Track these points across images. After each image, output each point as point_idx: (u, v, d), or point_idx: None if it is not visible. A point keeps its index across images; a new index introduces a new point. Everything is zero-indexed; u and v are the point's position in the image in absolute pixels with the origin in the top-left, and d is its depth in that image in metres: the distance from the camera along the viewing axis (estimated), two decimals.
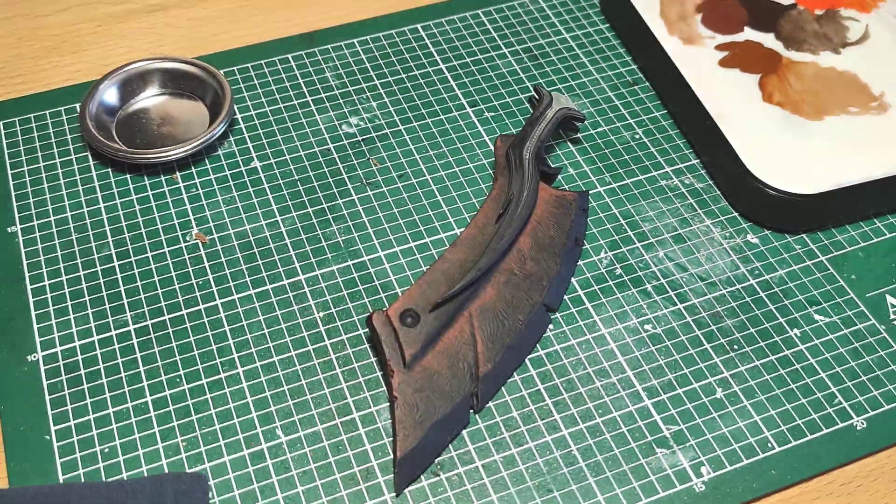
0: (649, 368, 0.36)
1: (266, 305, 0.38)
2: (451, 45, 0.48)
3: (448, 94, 0.46)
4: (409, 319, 0.35)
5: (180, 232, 0.40)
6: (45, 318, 0.37)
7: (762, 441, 0.34)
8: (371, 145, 0.44)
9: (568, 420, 0.35)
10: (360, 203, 0.41)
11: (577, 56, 0.48)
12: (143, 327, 0.37)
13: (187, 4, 0.51)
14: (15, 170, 0.42)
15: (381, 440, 0.34)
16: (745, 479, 0.33)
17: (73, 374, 0.35)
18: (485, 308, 0.36)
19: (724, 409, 0.35)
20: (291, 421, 0.34)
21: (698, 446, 0.34)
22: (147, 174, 0.42)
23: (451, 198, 0.42)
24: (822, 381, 0.36)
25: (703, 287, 0.39)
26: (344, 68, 0.47)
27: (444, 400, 0.34)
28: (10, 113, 0.45)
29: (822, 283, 0.39)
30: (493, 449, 0.34)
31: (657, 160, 0.43)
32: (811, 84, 0.43)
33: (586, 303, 0.38)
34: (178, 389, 0.35)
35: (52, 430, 0.34)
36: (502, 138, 0.41)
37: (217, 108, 0.44)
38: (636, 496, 0.33)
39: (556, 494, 0.33)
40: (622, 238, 0.40)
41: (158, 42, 0.49)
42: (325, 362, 0.36)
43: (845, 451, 0.34)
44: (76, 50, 0.48)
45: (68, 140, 0.44)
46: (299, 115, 0.45)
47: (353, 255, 0.40)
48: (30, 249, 0.39)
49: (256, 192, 0.42)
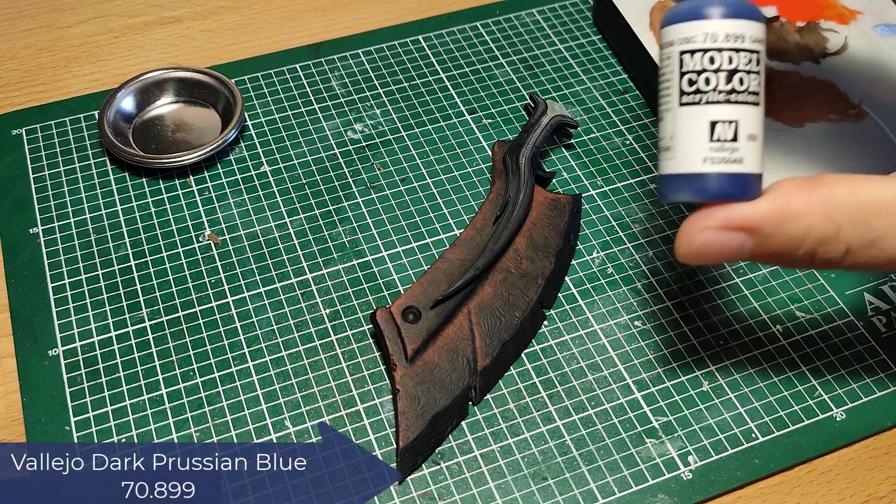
0: (639, 362, 0.36)
1: (275, 303, 0.38)
2: (451, 55, 0.49)
3: (448, 102, 0.46)
4: (410, 316, 0.35)
5: (194, 233, 0.40)
6: (65, 314, 0.37)
7: (746, 431, 0.34)
8: (375, 150, 0.44)
9: (562, 411, 0.35)
10: (364, 205, 0.42)
11: (571, 66, 0.48)
12: (158, 323, 0.37)
13: (201, 17, 0.51)
14: (37, 174, 0.42)
15: (384, 430, 0.34)
16: (730, 467, 0.33)
17: (92, 368, 0.36)
18: (483, 305, 0.36)
19: (710, 401, 0.35)
20: (299, 412, 0.34)
21: (686, 436, 0.34)
22: (162, 178, 0.42)
23: (451, 200, 0.42)
24: (803, 375, 0.36)
25: (691, 285, 0.39)
26: (349, 77, 0.47)
27: (444, 392, 0.34)
28: (32, 120, 0.45)
29: (804, 281, 0.39)
30: (490, 439, 0.34)
31: (647, 164, 0.43)
32: (793, 92, 0.43)
33: (579, 300, 0.38)
34: (192, 382, 0.35)
35: (71, 421, 0.34)
36: (499, 144, 0.41)
37: (229, 115, 0.44)
38: (626, 484, 0.33)
39: (550, 482, 0.33)
40: (613, 239, 0.40)
41: (173, 52, 0.49)
42: (331, 357, 0.36)
43: (825, 441, 0.34)
44: (95, 60, 0.48)
45: (87, 146, 0.44)
46: (306, 121, 0.45)
47: (357, 254, 0.40)
48: (51, 249, 0.39)
49: (266, 195, 0.42)
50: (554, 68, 0.48)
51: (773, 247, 0.28)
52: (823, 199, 0.27)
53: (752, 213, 0.27)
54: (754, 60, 0.28)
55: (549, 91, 0.47)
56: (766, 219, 0.27)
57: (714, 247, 0.28)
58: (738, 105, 0.28)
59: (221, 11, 0.51)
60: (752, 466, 0.33)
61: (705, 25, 0.28)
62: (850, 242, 0.27)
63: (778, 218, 0.27)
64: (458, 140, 0.44)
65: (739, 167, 0.28)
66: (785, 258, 0.28)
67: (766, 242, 0.28)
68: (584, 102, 0.46)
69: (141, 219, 0.41)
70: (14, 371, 0.36)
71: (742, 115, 0.28)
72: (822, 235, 0.27)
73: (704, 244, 0.28)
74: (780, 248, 0.28)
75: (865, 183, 0.28)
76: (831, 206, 0.27)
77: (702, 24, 0.28)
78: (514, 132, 0.45)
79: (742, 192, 0.28)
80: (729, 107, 0.28)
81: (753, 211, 0.27)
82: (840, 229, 0.27)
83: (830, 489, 0.33)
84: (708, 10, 0.28)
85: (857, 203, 0.27)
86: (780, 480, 0.34)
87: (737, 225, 0.28)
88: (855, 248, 0.27)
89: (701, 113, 0.28)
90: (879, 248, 0.27)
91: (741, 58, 0.28)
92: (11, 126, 0.44)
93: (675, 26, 0.28)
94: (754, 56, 0.28)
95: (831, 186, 0.27)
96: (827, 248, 0.27)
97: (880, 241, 0.27)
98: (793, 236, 0.27)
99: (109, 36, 0.50)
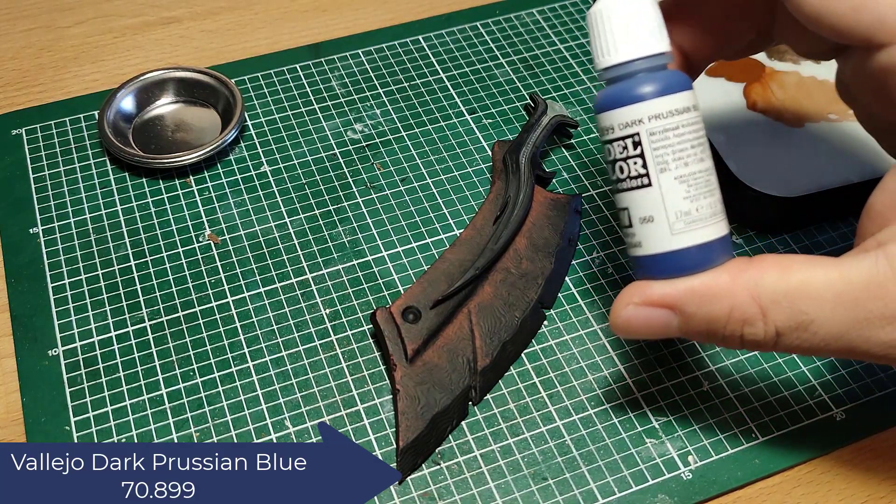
0: (639, 362, 0.36)
1: (275, 303, 0.38)
2: (451, 55, 0.48)
3: (448, 102, 0.46)
4: (410, 316, 0.35)
5: (193, 233, 0.40)
6: (65, 314, 0.37)
7: (746, 431, 0.34)
8: (375, 150, 0.44)
9: (562, 411, 0.35)
10: (364, 205, 0.41)
11: (571, 66, 0.48)
12: (158, 323, 0.37)
13: (200, 17, 0.51)
14: (37, 174, 0.42)
15: (384, 430, 0.34)
16: (730, 467, 0.33)
17: (92, 368, 0.35)
18: (483, 305, 0.36)
19: (710, 401, 0.35)
20: (299, 412, 0.34)
21: (686, 436, 0.34)
22: (162, 178, 0.42)
23: (451, 200, 0.42)
24: (803, 375, 0.36)
25: None
26: (349, 77, 0.47)
27: (444, 392, 0.34)
28: (32, 120, 0.44)
29: None
30: (490, 439, 0.34)
31: None
32: (793, 92, 0.43)
33: (579, 300, 0.38)
34: (192, 382, 0.35)
35: (71, 421, 0.34)
36: (499, 144, 0.41)
37: (228, 115, 0.44)
38: (626, 484, 0.33)
39: (550, 482, 0.33)
40: (613, 238, 0.40)
41: (173, 52, 0.49)
42: (331, 357, 0.36)
43: (825, 441, 0.34)
44: (95, 60, 0.48)
45: (87, 146, 0.44)
46: (306, 121, 0.45)
47: (357, 254, 0.40)
48: (51, 249, 0.39)
49: (266, 195, 0.42)
50: (554, 68, 0.48)
51: (697, 325, 0.28)
52: (750, 280, 0.27)
53: (671, 291, 0.28)
54: (630, 145, 0.28)
55: (549, 91, 0.47)
56: (688, 297, 0.28)
57: (639, 322, 0.29)
58: (624, 192, 0.29)
59: (221, 11, 0.51)
60: (752, 466, 0.33)
61: (598, 121, 0.29)
62: (779, 325, 0.27)
63: (700, 297, 0.28)
64: (458, 140, 0.44)
65: (639, 250, 0.29)
66: (714, 337, 0.28)
67: (690, 321, 0.28)
68: (583, 102, 0.46)
69: (141, 219, 0.40)
70: (14, 371, 0.35)
71: (630, 201, 0.29)
72: (745, 317, 0.27)
73: (629, 319, 0.29)
74: (706, 328, 0.28)
75: (797, 265, 0.27)
76: (757, 288, 0.27)
77: (596, 121, 0.30)
78: (514, 132, 0.45)
79: (650, 272, 0.29)
80: (619, 195, 0.29)
81: (672, 289, 0.28)
82: (765, 312, 0.27)
83: (830, 489, 0.33)
84: (594, 107, 0.30)
85: (785, 286, 0.27)
86: (780, 480, 0.33)
87: (656, 302, 0.28)
88: (785, 331, 0.27)
89: (615, 200, 0.30)
90: (811, 332, 0.27)
91: (615, 147, 0.29)
92: (11, 126, 0.44)
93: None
94: (629, 141, 0.28)
95: (762, 268, 0.27)
96: (753, 329, 0.27)
97: (811, 324, 0.27)
98: (715, 316, 0.28)
99: (109, 36, 0.49)
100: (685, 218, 0.28)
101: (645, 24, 0.29)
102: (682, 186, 0.28)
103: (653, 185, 0.28)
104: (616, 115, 0.28)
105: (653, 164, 0.28)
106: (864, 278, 0.26)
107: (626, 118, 0.28)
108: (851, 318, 0.26)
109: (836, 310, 0.27)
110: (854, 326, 0.27)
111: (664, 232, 0.28)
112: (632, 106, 0.28)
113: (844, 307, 0.26)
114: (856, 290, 0.26)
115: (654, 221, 0.28)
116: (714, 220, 0.29)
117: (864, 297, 0.26)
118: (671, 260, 0.28)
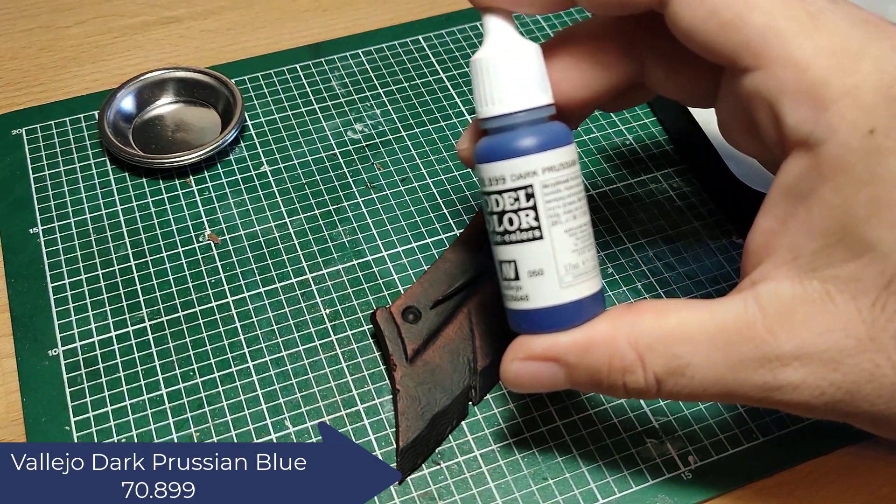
0: None
1: (275, 303, 0.38)
2: (451, 55, 0.48)
3: (448, 102, 0.46)
4: (411, 316, 0.35)
5: (193, 233, 0.40)
6: (65, 314, 0.37)
7: (746, 432, 0.34)
8: (375, 150, 0.44)
9: (562, 411, 0.35)
10: (364, 205, 0.41)
11: None
12: (158, 323, 0.37)
13: (200, 17, 0.51)
14: (37, 174, 0.42)
15: (384, 430, 0.34)
16: (730, 467, 0.33)
17: (92, 368, 0.35)
18: (483, 305, 0.36)
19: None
20: (299, 412, 0.34)
21: (686, 436, 0.34)
22: (162, 178, 0.42)
23: (451, 200, 0.42)
24: None
25: (691, 285, 0.39)
26: (349, 77, 0.47)
27: (444, 392, 0.34)
28: (32, 120, 0.44)
29: None
30: (490, 439, 0.34)
31: (647, 165, 0.43)
32: None
33: None
34: (192, 382, 0.35)
35: (71, 421, 0.34)
36: None
37: (229, 115, 0.43)
38: (626, 484, 0.33)
39: (550, 482, 0.33)
40: (613, 239, 0.40)
41: (173, 52, 0.49)
42: (331, 357, 0.36)
43: (826, 442, 0.34)
44: (95, 60, 0.48)
45: (87, 146, 0.43)
46: (306, 121, 0.45)
47: (357, 254, 0.39)
48: (51, 249, 0.39)
49: (266, 195, 0.42)
50: None
51: (581, 377, 0.28)
52: (627, 327, 0.27)
53: (552, 344, 0.28)
54: (522, 197, 0.27)
55: None
56: (569, 349, 0.27)
57: (528, 377, 0.28)
58: (511, 245, 0.28)
59: (221, 11, 0.51)
60: (752, 466, 0.33)
61: (478, 172, 0.29)
62: (657, 371, 0.26)
63: (580, 347, 0.27)
64: (457, 140, 0.44)
65: (526, 304, 0.28)
66: (600, 387, 0.28)
67: (574, 372, 0.28)
68: None
69: (141, 219, 0.40)
70: (14, 371, 0.35)
71: (518, 254, 0.28)
72: (624, 364, 0.27)
73: (517, 375, 0.28)
74: (589, 378, 0.27)
75: (673, 308, 0.27)
76: (633, 334, 0.27)
77: (477, 171, 0.29)
78: None
79: (536, 325, 0.28)
80: (505, 247, 0.28)
81: (553, 342, 0.28)
82: (643, 358, 0.26)
83: (830, 489, 0.33)
84: (476, 156, 0.29)
85: (660, 330, 0.26)
86: (780, 480, 0.33)
87: (539, 356, 0.28)
88: (663, 377, 0.26)
89: (495, 253, 0.29)
90: (688, 377, 0.26)
91: (505, 199, 0.28)
92: (11, 126, 0.44)
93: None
94: (521, 192, 0.27)
95: (639, 313, 0.27)
96: (633, 377, 0.27)
97: (687, 368, 0.26)
98: (596, 366, 0.27)
99: (109, 36, 0.49)
100: (573, 271, 0.28)
101: (531, 76, 0.28)
102: (571, 239, 0.28)
103: (544, 237, 0.28)
104: (508, 165, 0.27)
105: (545, 217, 0.28)
106: (734, 320, 0.26)
107: (519, 169, 0.27)
108: (726, 361, 0.26)
109: (711, 353, 0.26)
110: (730, 370, 0.26)
111: (553, 285, 0.28)
112: (525, 157, 0.27)
113: (718, 350, 0.26)
114: (728, 332, 0.26)
115: (544, 275, 0.28)
116: (595, 273, 0.29)
117: (735, 340, 0.26)
118: (559, 313, 0.28)
